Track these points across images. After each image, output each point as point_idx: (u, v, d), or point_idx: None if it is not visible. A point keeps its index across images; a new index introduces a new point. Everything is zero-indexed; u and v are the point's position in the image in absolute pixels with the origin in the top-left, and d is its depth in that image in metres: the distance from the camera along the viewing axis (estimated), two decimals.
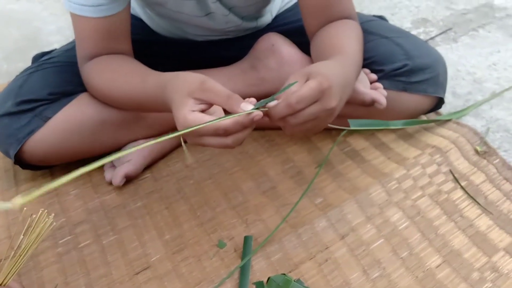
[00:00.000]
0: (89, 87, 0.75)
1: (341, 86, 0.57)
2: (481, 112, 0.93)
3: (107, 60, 0.72)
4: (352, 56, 0.65)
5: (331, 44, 0.69)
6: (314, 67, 0.58)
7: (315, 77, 0.54)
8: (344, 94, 0.58)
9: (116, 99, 0.72)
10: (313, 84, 0.53)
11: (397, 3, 1.39)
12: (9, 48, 1.25)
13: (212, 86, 0.54)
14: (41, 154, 0.75)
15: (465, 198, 0.74)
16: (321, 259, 0.66)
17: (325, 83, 0.53)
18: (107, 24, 0.70)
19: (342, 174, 0.80)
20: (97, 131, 0.76)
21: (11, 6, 1.46)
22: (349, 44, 0.68)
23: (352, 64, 0.64)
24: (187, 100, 0.54)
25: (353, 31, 0.72)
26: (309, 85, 0.53)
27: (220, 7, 0.77)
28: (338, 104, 0.56)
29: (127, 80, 0.68)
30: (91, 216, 0.75)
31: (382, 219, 0.71)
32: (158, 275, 0.66)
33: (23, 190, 0.80)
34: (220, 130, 0.52)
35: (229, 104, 0.53)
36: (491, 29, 1.23)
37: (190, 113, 0.53)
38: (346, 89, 0.59)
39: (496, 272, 0.64)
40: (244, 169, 0.82)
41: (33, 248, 0.52)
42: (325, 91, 0.53)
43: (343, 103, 0.59)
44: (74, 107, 0.75)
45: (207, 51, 0.89)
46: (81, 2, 0.67)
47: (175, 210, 0.75)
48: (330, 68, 0.58)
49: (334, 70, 0.58)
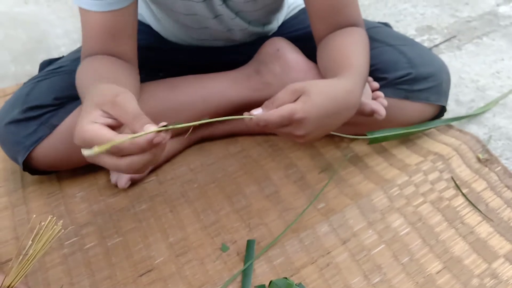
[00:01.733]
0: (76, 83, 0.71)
1: (325, 116, 0.59)
2: (484, 120, 0.94)
3: (93, 61, 0.70)
4: (360, 71, 0.66)
5: (339, 57, 0.69)
6: (310, 88, 0.58)
7: (298, 102, 0.56)
8: (333, 120, 0.61)
9: None
10: (285, 112, 0.56)
11: (402, 10, 1.40)
12: (17, 51, 1.27)
13: (123, 102, 0.50)
14: (49, 160, 0.76)
15: (466, 205, 0.75)
16: (322, 263, 0.67)
17: (299, 114, 0.56)
18: (113, 20, 0.69)
19: (345, 179, 0.80)
20: None
21: (18, 9, 1.48)
22: (357, 57, 0.69)
23: (360, 80, 0.65)
24: (93, 110, 0.50)
25: (361, 41, 0.73)
26: (280, 113, 0.56)
27: (226, 10, 0.78)
28: (310, 132, 0.58)
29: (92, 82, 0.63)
30: (96, 218, 0.76)
31: (384, 225, 0.72)
32: (162, 277, 0.66)
33: (30, 192, 0.81)
34: (114, 147, 0.47)
35: (133, 123, 0.49)
36: (495, 37, 1.23)
37: (89, 123, 0.49)
38: (338, 115, 0.61)
39: (496, 279, 0.64)
40: (247, 173, 0.83)
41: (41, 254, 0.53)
42: (296, 121, 0.56)
43: (327, 129, 0.62)
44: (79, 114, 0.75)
45: (213, 56, 0.90)
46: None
47: (179, 213, 0.76)
48: (326, 93, 0.59)
49: (328, 98, 0.59)
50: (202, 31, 0.84)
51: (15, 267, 0.53)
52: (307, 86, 0.58)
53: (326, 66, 0.73)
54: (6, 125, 0.74)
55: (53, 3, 1.51)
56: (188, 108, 0.81)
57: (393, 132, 0.81)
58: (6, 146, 0.77)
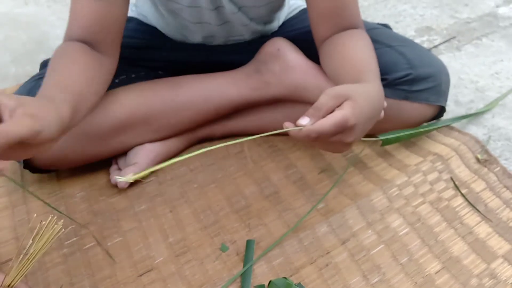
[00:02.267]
0: None
1: (368, 120, 0.58)
2: (483, 120, 0.94)
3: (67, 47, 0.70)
4: (378, 74, 0.67)
5: (357, 62, 0.69)
6: (353, 92, 0.57)
7: (347, 108, 0.54)
8: (369, 125, 0.60)
9: None
10: (339, 119, 0.53)
11: (401, 11, 1.40)
12: (17, 52, 1.27)
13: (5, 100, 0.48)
14: (50, 159, 0.76)
15: (465, 206, 0.75)
16: (322, 263, 0.67)
17: (351, 120, 0.54)
18: (101, 9, 0.70)
19: (344, 180, 0.81)
20: (106, 136, 0.77)
21: (19, 10, 1.49)
22: (373, 61, 0.69)
23: (380, 82, 0.66)
24: None
25: (370, 44, 0.73)
26: (334, 121, 0.53)
27: (229, 4, 0.78)
28: (356, 138, 0.57)
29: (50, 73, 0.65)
30: (97, 218, 0.76)
31: (383, 225, 0.72)
32: (162, 277, 0.67)
33: (30, 192, 0.81)
34: None
35: None
36: (494, 38, 1.24)
37: None
38: (373, 119, 0.61)
39: (495, 279, 0.64)
40: (247, 174, 0.83)
41: (41, 253, 0.53)
42: (348, 128, 0.54)
43: (364, 133, 0.60)
44: None
45: (213, 56, 0.90)
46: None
47: (179, 214, 0.76)
48: (367, 98, 0.58)
49: (369, 102, 0.58)
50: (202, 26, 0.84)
51: (15, 266, 0.53)
52: (349, 89, 0.57)
53: (339, 72, 0.72)
54: None
55: (53, 4, 1.52)
56: (188, 107, 0.81)
57: (405, 133, 0.82)
58: None
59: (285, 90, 0.83)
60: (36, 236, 0.53)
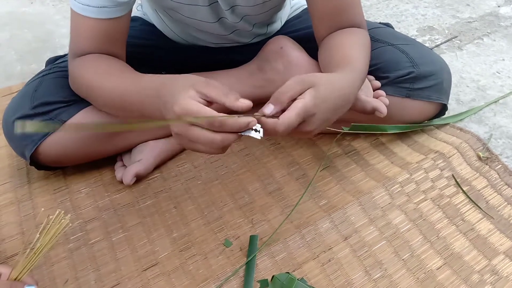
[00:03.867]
0: (77, 81, 0.74)
1: (330, 110, 0.58)
2: (484, 119, 0.95)
3: (103, 57, 0.73)
4: (358, 69, 0.67)
5: (338, 54, 0.70)
6: (317, 80, 0.58)
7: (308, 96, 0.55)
8: (333, 115, 0.60)
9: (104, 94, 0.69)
10: (299, 109, 0.54)
11: (403, 11, 1.41)
12: (23, 50, 1.28)
13: (215, 83, 0.55)
14: (56, 155, 0.77)
15: (467, 203, 0.76)
16: (324, 259, 0.68)
17: (311, 110, 0.55)
18: (107, 27, 0.71)
19: (346, 177, 0.81)
20: (112, 134, 0.78)
21: (24, 9, 1.50)
22: (357, 55, 0.69)
23: (357, 77, 0.66)
24: (188, 90, 0.54)
25: (361, 40, 0.73)
26: (297, 112, 0.54)
27: (232, 15, 0.79)
28: (316, 128, 0.57)
29: (122, 75, 0.68)
30: (102, 213, 0.77)
31: (385, 222, 0.73)
32: (166, 271, 0.67)
33: (36, 188, 0.82)
34: (216, 122, 0.51)
35: (228, 98, 0.53)
36: (496, 37, 1.24)
37: (190, 99, 0.53)
38: (337, 110, 0.61)
39: (496, 275, 0.65)
40: (250, 170, 0.84)
41: (48, 247, 0.54)
42: (308, 118, 0.55)
43: (328, 123, 0.60)
44: (91, 111, 0.76)
45: (217, 56, 0.91)
46: (86, 2, 0.68)
47: (183, 209, 0.77)
48: (330, 86, 0.59)
49: (332, 91, 0.59)
50: (205, 34, 0.85)
51: (22, 260, 0.54)
52: (314, 79, 0.58)
53: (325, 64, 0.74)
54: (15, 121, 0.75)
55: (58, 3, 1.53)
56: None
57: None
58: (14, 142, 0.78)
59: None
60: (43, 230, 0.53)
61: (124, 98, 0.65)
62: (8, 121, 0.77)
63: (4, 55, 1.26)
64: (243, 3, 0.76)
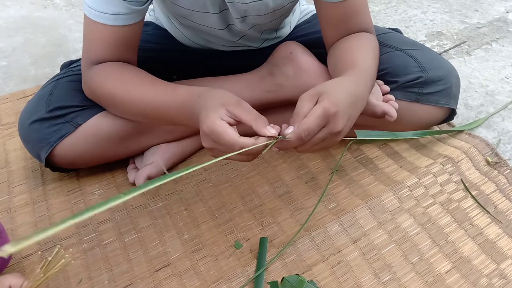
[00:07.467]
0: (95, 89, 0.74)
1: (349, 106, 0.59)
2: (493, 124, 0.95)
3: (123, 65, 0.74)
4: (366, 71, 0.68)
5: (347, 58, 0.71)
6: (324, 87, 0.59)
7: (322, 100, 0.57)
8: (354, 111, 0.61)
9: (131, 103, 0.71)
10: (319, 112, 0.55)
11: (412, 17, 1.42)
12: (37, 54, 1.30)
13: (246, 105, 0.58)
14: (71, 158, 0.79)
15: (475, 207, 0.76)
16: (333, 261, 0.69)
17: (331, 108, 0.56)
18: (122, 33, 0.72)
19: (355, 181, 0.82)
20: (126, 137, 0.80)
21: (38, 13, 1.52)
22: (364, 58, 0.70)
23: (366, 79, 0.67)
24: (219, 109, 0.57)
25: (370, 44, 0.74)
26: (316, 114, 0.55)
27: (242, 24, 0.80)
28: (345, 125, 0.58)
29: (155, 87, 0.70)
30: (114, 215, 0.78)
31: (394, 225, 0.74)
32: (177, 272, 0.69)
33: (50, 189, 0.84)
34: (236, 147, 0.55)
35: (256, 123, 0.56)
36: (504, 43, 1.25)
37: (217, 118, 0.56)
38: (356, 106, 0.62)
39: (504, 279, 0.66)
40: (260, 173, 0.85)
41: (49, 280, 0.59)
42: (331, 116, 0.56)
43: (352, 121, 0.61)
44: (106, 115, 0.78)
45: (228, 60, 0.93)
46: (101, 10, 0.69)
47: (194, 211, 0.78)
48: (340, 87, 0.60)
49: (344, 90, 0.60)
50: (216, 38, 0.87)
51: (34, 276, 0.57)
52: (320, 87, 0.59)
53: (334, 69, 0.75)
54: (31, 124, 0.77)
55: (71, 8, 1.55)
56: None
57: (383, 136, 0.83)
58: (30, 144, 0.79)
59: (297, 92, 0.84)
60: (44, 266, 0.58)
61: (160, 110, 0.69)
62: (24, 123, 0.78)
63: (19, 59, 1.28)
64: (254, 12, 0.77)
